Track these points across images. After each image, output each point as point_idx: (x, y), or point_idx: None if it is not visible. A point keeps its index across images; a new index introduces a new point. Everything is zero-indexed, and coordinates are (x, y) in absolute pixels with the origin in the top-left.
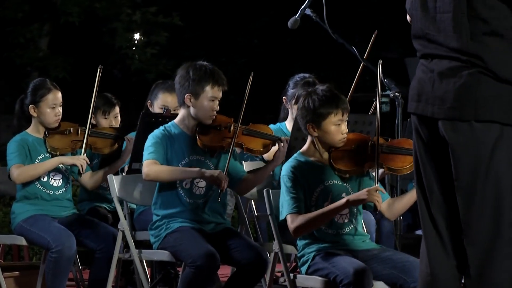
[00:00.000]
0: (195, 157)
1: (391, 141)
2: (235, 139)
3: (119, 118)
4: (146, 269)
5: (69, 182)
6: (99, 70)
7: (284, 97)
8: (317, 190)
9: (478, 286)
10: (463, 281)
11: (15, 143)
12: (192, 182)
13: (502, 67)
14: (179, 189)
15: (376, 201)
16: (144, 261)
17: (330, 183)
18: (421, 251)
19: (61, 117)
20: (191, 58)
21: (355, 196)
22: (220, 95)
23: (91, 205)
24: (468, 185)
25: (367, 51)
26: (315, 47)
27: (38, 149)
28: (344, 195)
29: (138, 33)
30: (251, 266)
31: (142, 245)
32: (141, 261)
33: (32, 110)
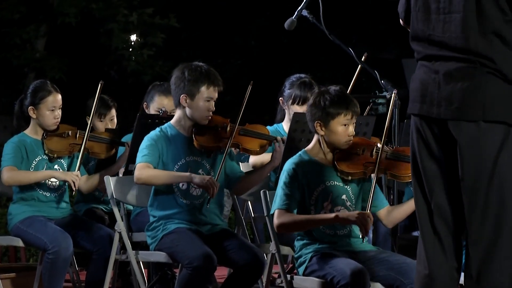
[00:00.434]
0: (192, 158)
1: (396, 148)
2: (231, 139)
3: (115, 120)
4: (143, 270)
5: (65, 183)
6: (100, 85)
7: (280, 98)
8: (317, 189)
9: (478, 286)
10: (461, 283)
11: (12, 145)
12: (188, 183)
13: (511, 68)
14: (176, 190)
15: (363, 227)
16: (141, 262)
17: (331, 183)
18: (418, 252)
19: (60, 119)
20: (188, 59)
21: (345, 215)
22: (215, 95)
23: (87, 206)
24: (473, 184)
25: (351, 85)
26: (312, 49)
27: (35, 151)
28: (344, 197)
29: (134, 34)
30: (248, 267)
31: (139, 246)
32: (138, 263)
33: (31, 111)
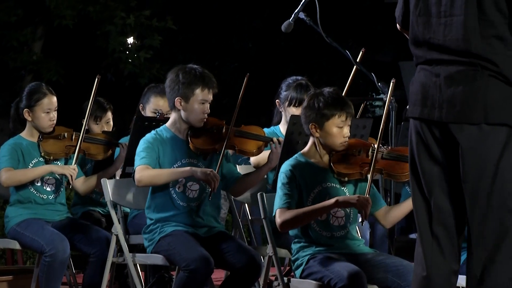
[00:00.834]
0: (188, 161)
1: (392, 148)
2: (227, 140)
3: (111, 123)
4: (140, 273)
5: (62, 186)
6: (97, 80)
7: (277, 100)
8: (314, 191)
9: (482, 286)
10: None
11: (8, 147)
12: (185, 185)
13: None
14: (172, 192)
15: (363, 210)
16: (138, 265)
17: (328, 185)
18: (416, 253)
19: (55, 122)
20: (185, 61)
21: (345, 198)
22: (210, 97)
23: (84, 209)
24: (475, 187)
25: (347, 86)
26: (308, 51)
27: (31, 153)
28: None
29: (131, 37)
30: (245, 270)
31: (136, 249)
32: (135, 265)
33: (26, 114)
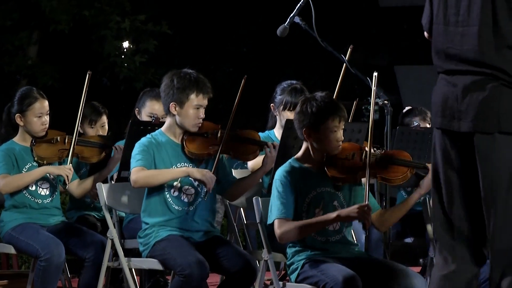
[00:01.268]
0: (183, 165)
1: (385, 152)
2: (222, 145)
3: (106, 127)
4: (135, 277)
5: (57, 190)
6: (88, 76)
7: (271, 104)
8: (309, 196)
9: None
10: None
11: (1, 153)
12: (180, 189)
13: None
14: (168, 196)
15: (365, 220)
16: (133, 269)
17: (322, 190)
18: (435, 260)
19: (48, 126)
20: (180, 66)
21: (346, 212)
22: (205, 102)
23: (80, 213)
24: (492, 196)
25: (337, 88)
26: (304, 55)
27: (25, 158)
28: (335, 203)
29: (127, 41)
30: (240, 274)
31: (131, 253)
32: (130, 270)
33: (18, 119)
